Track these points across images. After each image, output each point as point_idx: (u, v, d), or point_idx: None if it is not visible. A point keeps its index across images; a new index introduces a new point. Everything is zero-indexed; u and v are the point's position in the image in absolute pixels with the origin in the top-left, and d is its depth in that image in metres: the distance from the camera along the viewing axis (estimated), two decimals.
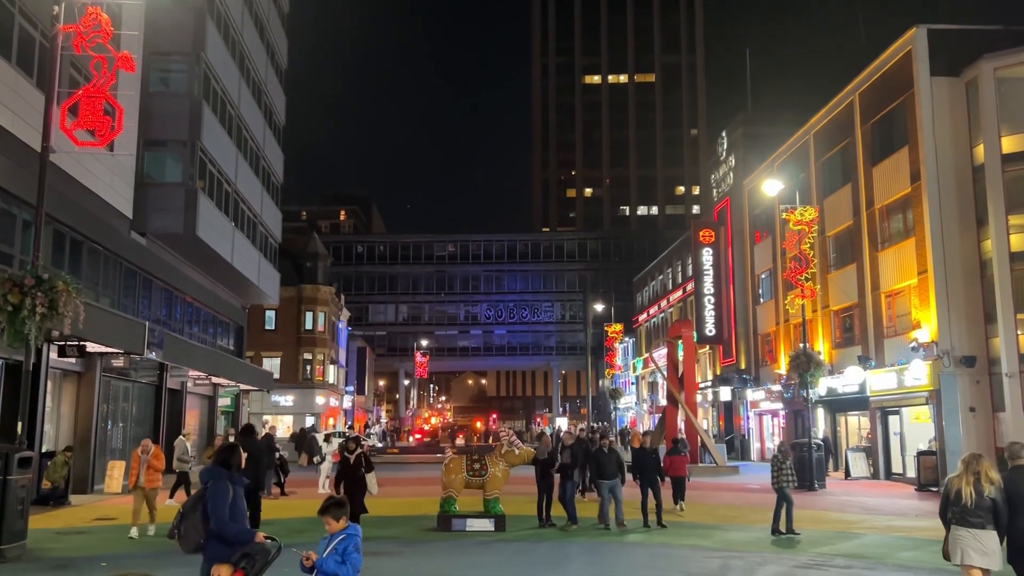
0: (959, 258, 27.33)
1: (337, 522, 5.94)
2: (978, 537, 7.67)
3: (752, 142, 46.81)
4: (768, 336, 43.10)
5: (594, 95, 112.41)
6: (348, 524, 5.99)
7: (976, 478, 7.79)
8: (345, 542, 5.86)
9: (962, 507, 7.78)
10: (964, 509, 7.77)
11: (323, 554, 5.84)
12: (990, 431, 26.30)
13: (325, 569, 5.78)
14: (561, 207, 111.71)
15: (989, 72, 26.68)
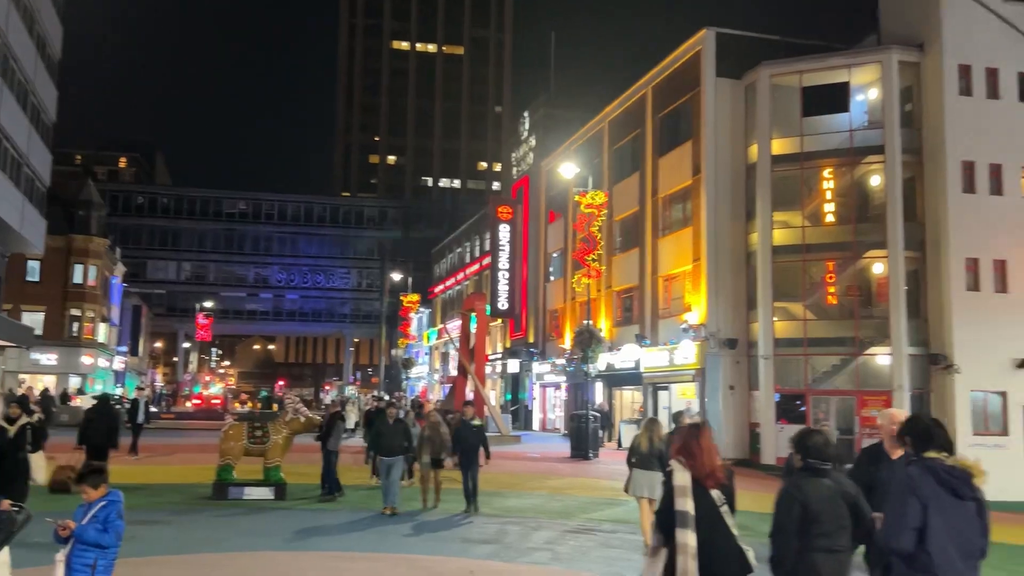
0: (729, 248, 29.67)
1: (95, 489, 5.58)
2: (649, 477, 10.66)
3: (552, 124, 48.35)
4: (556, 312, 44.83)
5: (402, 62, 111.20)
6: (108, 491, 5.63)
7: (651, 436, 11.14)
8: (107, 509, 5.52)
9: (640, 456, 11.03)
10: (641, 457, 11.01)
11: (82, 522, 5.47)
12: (745, 407, 28.91)
13: (85, 538, 5.41)
14: (363, 172, 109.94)
15: (766, 78, 29.02)
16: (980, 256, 25.96)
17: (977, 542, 4.17)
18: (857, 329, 27.21)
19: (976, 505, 4.18)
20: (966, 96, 26.47)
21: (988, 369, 25.28)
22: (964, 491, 4.16)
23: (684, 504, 4.67)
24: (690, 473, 4.78)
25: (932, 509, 4.06)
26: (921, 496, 4.09)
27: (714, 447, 4.91)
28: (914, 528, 4.04)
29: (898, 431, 4.87)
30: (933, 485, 4.14)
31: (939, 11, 26.35)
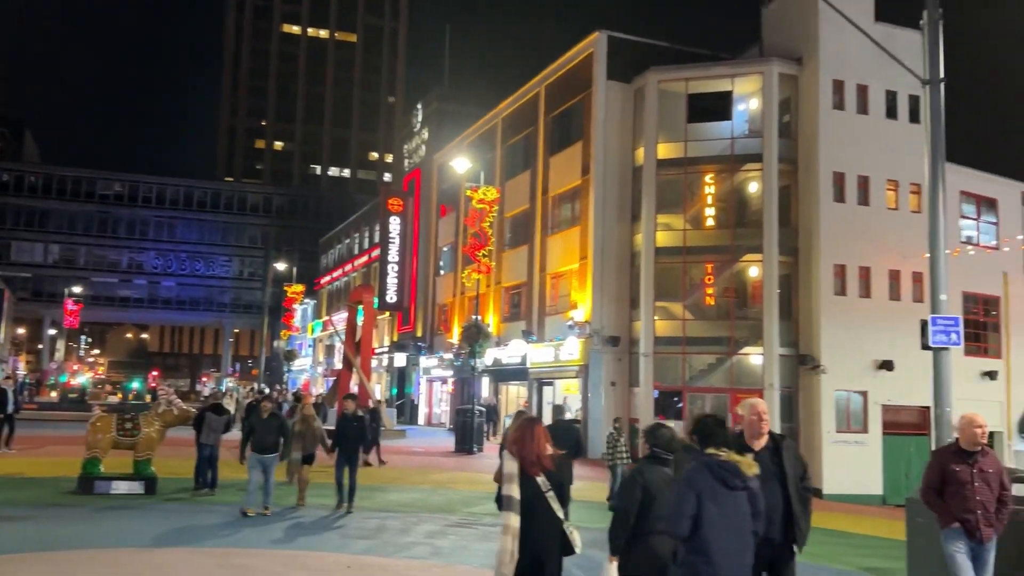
0: (615, 248, 30.34)
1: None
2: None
3: (446, 118, 48.09)
4: (445, 306, 44.77)
5: (292, 46, 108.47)
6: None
7: None
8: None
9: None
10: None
11: None
12: (626, 402, 29.65)
13: None
14: (248, 157, 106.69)
15: (654, 84, 29.80)
16: (847, 262, 27.44)
17: (748, 525, 4.76)
18: (732, 329, 28.32)
19: (747, 493, 4.79)
20: (839, 110, 27.91)
21: (851, 370, 26.77)
22: (735, 482, 4.73)
23: (511, 489, 5.17)
24: (518, 462, 5.24)
25: (706, 499, 4.63)
26: (696, 488, 4.66)
27: (544, 438, 5.37)
28: (690, 516, 4.59)
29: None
30: (708, 478, 4.71)
31: (817, 28, 27.69)
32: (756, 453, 5.61)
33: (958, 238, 29.16)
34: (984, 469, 7.11)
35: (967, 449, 7.19)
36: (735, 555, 4.62)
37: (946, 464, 7.19)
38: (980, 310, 30.22)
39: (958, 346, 8.61)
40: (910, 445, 27.00)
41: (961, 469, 7.11)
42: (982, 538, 7.00)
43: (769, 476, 5.53)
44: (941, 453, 7.48)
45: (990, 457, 7.25)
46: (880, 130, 28.16)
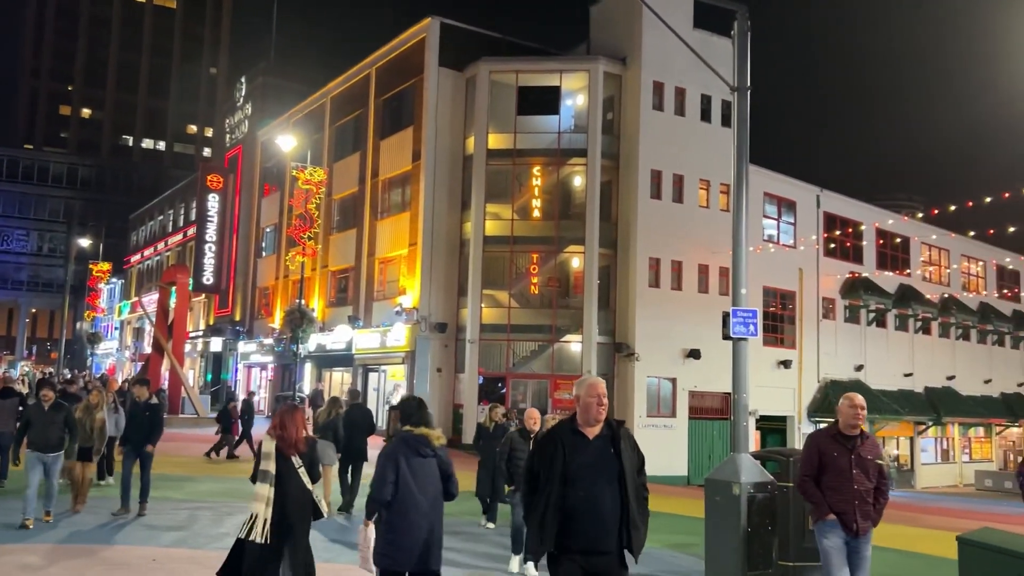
0: (444, 235, 30.44)
1: None
2: (324, 446, 11.62)
3: (272, 93, 46.38)
4: (267, 290, 43.30)
5: (104, 8, 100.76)
6: None
7: (330, 411, 12.94)
8: None
9: (319, 428, 12.62)
10: (320, 429, 12.55)
11: None
12: (451, 388, 29.88)
13: None
14: (52, 124, 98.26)
15: (486, 73, 30.07)
16: (661, 256, 28.90)
17: (437, 486, 5.74)
18: (555, 318, 29.17)
19: (435, 460, 5.76)
20: (658, 111, 29.30)
21: (663, 358, 28.28)
22: (425, 451, 5.72)
23: (267, 465, 6.35)
24: (277, 443, 6.41)
25: (403, 467, 5.63)
26: (394, 459, 5.64)
27: (302, 424, 6.49)
28: (391, 483, 5.57)
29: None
30: (404, 449, 5.70)
31: (640, 30, 28.90)
32: (589, 441, 4.86)
33: (761, 236, 31.43)
34: (863, 456, 6.55)
35: (846, 433, 6.61)
36: (425, 509, 5.62)
37: (824, 449, 6.62)
38: (778, 304, 32.73)
39: (756, 337, 9.26)
40: (713, 429, 28.90)
41: (840, 455, 6.55)
42: (859, 531, 6.54)
43: (602, 471, 4.80)
44: (818, 437, 6.81)
45: (870, 442, 6.68)
46: (695, 132, 29.81)
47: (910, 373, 37.02)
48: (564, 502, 4.73)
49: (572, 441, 4.87)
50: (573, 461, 4.79)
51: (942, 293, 38.99)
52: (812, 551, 9.80)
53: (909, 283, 37.50)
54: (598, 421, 4.93)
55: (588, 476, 4.77)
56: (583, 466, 4.79)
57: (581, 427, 4.93)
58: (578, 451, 4.83)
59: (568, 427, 4.97)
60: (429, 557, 5.59)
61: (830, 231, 34.28)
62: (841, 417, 6.68)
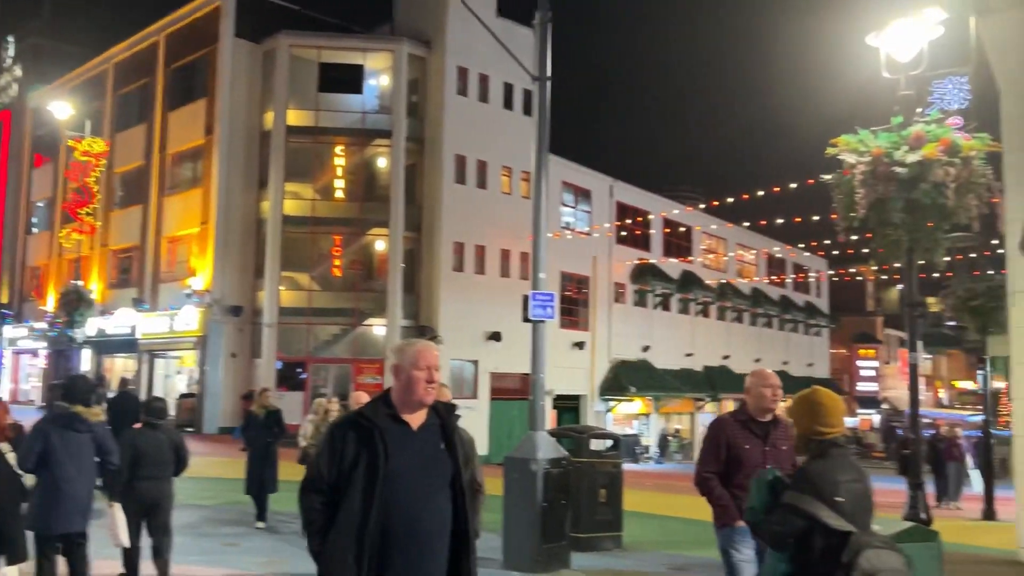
0: (240, 214, 29.14)
1: None
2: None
3: (46, 56, 42.36)
4: (38, 269, 39.65)
5: None
6: None
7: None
8: None
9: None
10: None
11: None
12: (247, 375, 28.74)
13: None
14: None
15: (285, 47, 29.01)
16: (466, 241, 29.25)
17: (91, 459, 6.15)
18: (357, 301, 28.79)
19: (89, 436, 6.13)
20: (463, 96, 29.54)
21: (466, 340, 28.68)
22: (80, 427, 6.07)
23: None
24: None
25: (55, 441, 5.97)
26: (43, 434, 6.02)
27: (5, 413, 6.51)
28: (36, 453, 5.90)
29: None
30: (58, 427, 6.05)
31: (445, 14, 28.95)
32: (413, 432, 3.40)
33: (559, 223, 32.54)
34: (778, 445, 5.19)
35: (758, 419, 5.24)
36: (77, 480, 6.01)
37: (734, 440, 5.22)
38: (574, 288, 34.10)
39: (553, 319, 9.59)
40: (513, 409, 29.69)
41: (752, 447, 5.19)
42: None
43: (432, 474, 3.39)
44: (725, 425, 5.35)
45: (783, 428, 5.23)
46: (499, 119, 30.33)
47: (691, 353, 39.78)
48: (377, 520, 3.24)
49: (391, 431, 3.34)
50: (392, 460, 3.28)
51: (720, 279, 42.15)
52: (602, 523, 10.36)
53: (691, 269, 40.24)
54: (424, 404, 3.44)
55: (412, 482, 3.32)
56: (406, 468, 3.31)
57: (401, 411, 3.41)
58: (398, 446, 3.33)
59: (384, 411, 3.41)
60: (77, 521, 6.09)
61: (622, 220, 36.08)
62: (751, 399, 5.28)
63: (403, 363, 3.44)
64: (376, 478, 3.25)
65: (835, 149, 7.64)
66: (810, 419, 3.49)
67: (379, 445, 3.28)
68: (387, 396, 3.48)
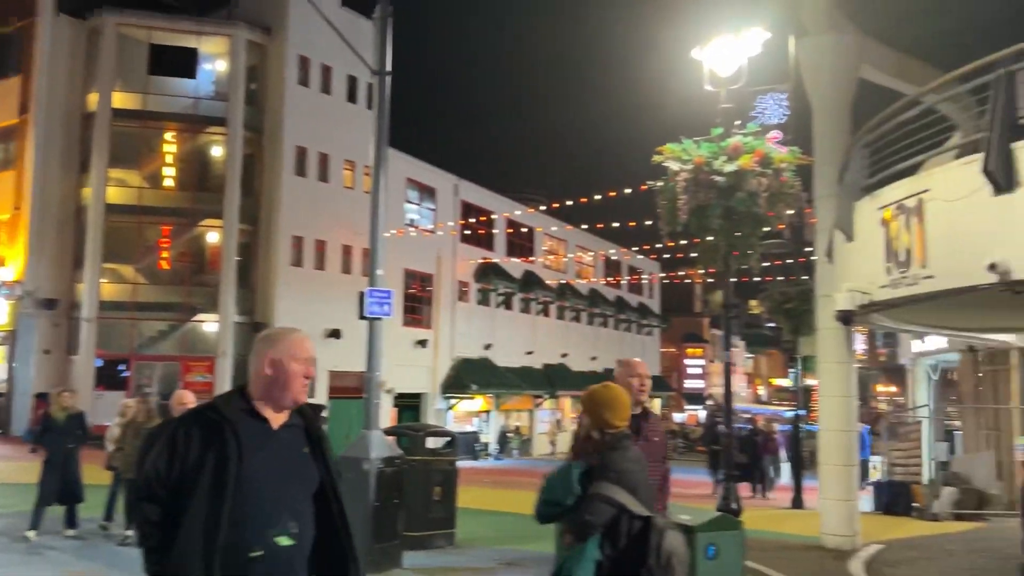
0: (57, 200, 27.13)
1: None
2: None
3: None
4: None
5: None
6: None
7: None
8: None
9: None
10: None
11: None
12: (63, 373, 26.78)
13: None
14: None
15: (112, 26, 27.25)
16: (305, 235, 28.53)
17: None
18: (187, 295, 27.47)
19: None
20: (304, 86, 28.79)
21: None
22: None
23: None
24: None
25: None
26: None
27: None
28: None
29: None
30: None
31: (287, 1, 28.11)
32: (273, 433, 2.89)
33: (403, 220, 32.33)
34: (650, 438, 4.88)
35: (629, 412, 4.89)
36: None
37: None
38: (418, 286, 33.98)
39: (390, 316, 9.52)
40: (352, 407, 29.17)
41: None
42: None
43: (296, 482, 2.88)
44: None
45: (653, 419, 5.02)
46: (341, 111, 29.78)
47: (531, 351, 40.55)
48: (228, 534, 2.69)
49: (246, 428, 2.82)
50: (246, 462, 2.75)
51: (560, 280, 43.21)
52: (436, 521, 10.37)
53: (533, 270, 41.02)
54: (297, 403, 2.94)
55: (271, 489, 2.79)
56: (264, 472, 2.79)
57: (262, 408, 2.90)
58: (254, 446, 2.80)
59: (239, 405, 2.88)
60: None
61: (467, 219, 36.29)
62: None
63: (279, 353, 2.90)
64: (226, 483, 2.69)
65: (660, 157, 8.00)
66: (605, 412, 3.70)
67: (231, 443, 2.74)
68: (243, 389, 2.94)
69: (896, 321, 11.45)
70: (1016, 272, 7.00)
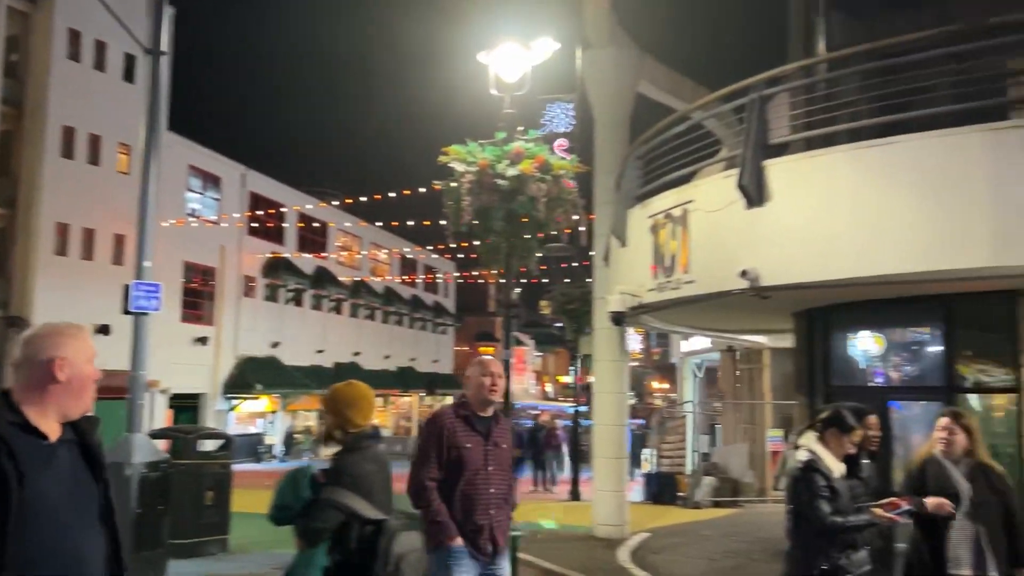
0: None
1: None
2: None
3: None
4: None
5: None
6: None
7: None
8: None
9: None
10: None
11: None
12: None
13: None
14: None
15: None
16: (71, 222, 26.26)
17: None
18: None
19: None
20: (74, 61, 26.48)
21: None
22: None
23: None
24: None
25: None
26: None
27: None
28: None
29: None
30: None
31: None
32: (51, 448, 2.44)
33: (184, 210, 30.58)
34: (499, 443, 4.61)
35: (479, 413, 4.60)
36: None
37: (455, 439, 4.48)
38: (199, 280, 32.24)
39: (158, 311, 8.96)
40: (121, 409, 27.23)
41: (474, 447, 4.49)
42: (496, 552, 4.54)
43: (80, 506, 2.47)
44: (443, 421, 4.58)
45: (505, 425, 4.75)
46: (117, 91, 27.68)
47: (322, 350, 39.68)
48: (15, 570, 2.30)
49: (21, 445, 2.36)
50: (29, 484, 2.32)
51: (354, 277, 42.61)
52: (208, 526, 9.89)
53: (326, 266, 40.15)
54: (86, 411, 2.58)
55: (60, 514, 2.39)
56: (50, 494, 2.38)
57: (38, 421, 2.43)
58: (35, 464, 2.36)
59: (8, 417, 2.40)
60: None
61: (255, 210, 34.88)
62: (471, 390, 4.65)
63: (69, 353, 2.48)
64: (7, 509, 2.26)
65: (446, 158, 8.08)
66: (348, 410, 3.66)
67: (6, 463, 2.29)
68: (9, 398, 2.44)
69: (664, 322, 12.24)
70: (764, 279, 7.67)
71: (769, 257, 7.71)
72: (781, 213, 7.68)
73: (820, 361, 9.13)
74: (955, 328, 8.04)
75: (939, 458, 5.00)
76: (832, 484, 4.47)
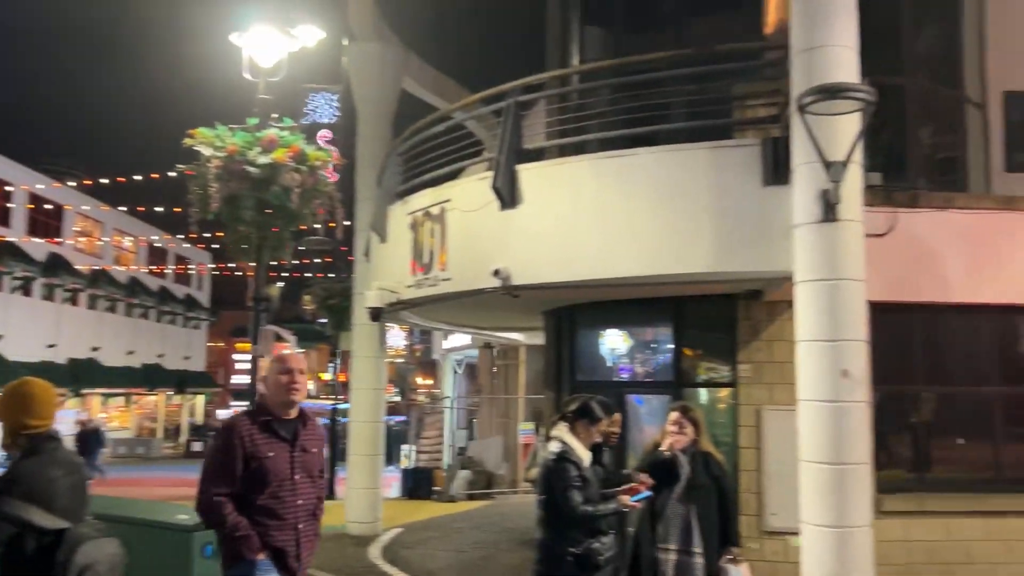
0: None
1: None
2: None
3: None
4: None
5: None
6: None
7: None
8: None
9: None
10: None
11: None
12: None
13: None
14: None
15: None
16: None
17: None
18: None
19: None
20: None
21: None
22: None
23: None
24: None
25: None
26: None
27: None
28: None
29: None
30: None
31: None
32: None
33: None
34: (308, 448, 4.19)
35: (281, 416, 4.17)
36: None
37: (254, 447, 4.03)
38: None
39: None
40: None
41: (277, 454, 4.06)
42: (301, 567, 4.13)
43: None
44: (240, 427, 4.09)
45: (312, 425, 4.31)
46: None
47: (54, 344, 36.08)
48: None
49: None
50: None
51: (93, 265, 39.13)
52: None
53: (60, 252, 36.54)
54: None
55: None
56: None
57: None
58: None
59: None
60: None
61: None
62: (270, 390, 4.23)
63: None
64: None
65: (192, 140, 7.62)
66: (20, 413, 3.33)
67: None
68: None
69: (423, 319, 12.33)
70: (514, 278, 7.93)
71: (520, 257, 7.98)
72: (532, 216, 7.97)
73: (567, 357, 9.59)
74: (683, 328, 8.75)
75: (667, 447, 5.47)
76: (583, 473, 4.76)
